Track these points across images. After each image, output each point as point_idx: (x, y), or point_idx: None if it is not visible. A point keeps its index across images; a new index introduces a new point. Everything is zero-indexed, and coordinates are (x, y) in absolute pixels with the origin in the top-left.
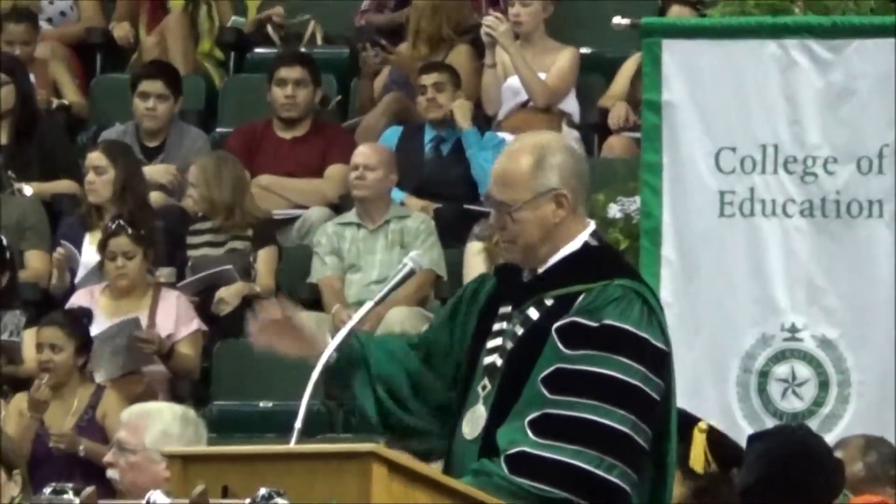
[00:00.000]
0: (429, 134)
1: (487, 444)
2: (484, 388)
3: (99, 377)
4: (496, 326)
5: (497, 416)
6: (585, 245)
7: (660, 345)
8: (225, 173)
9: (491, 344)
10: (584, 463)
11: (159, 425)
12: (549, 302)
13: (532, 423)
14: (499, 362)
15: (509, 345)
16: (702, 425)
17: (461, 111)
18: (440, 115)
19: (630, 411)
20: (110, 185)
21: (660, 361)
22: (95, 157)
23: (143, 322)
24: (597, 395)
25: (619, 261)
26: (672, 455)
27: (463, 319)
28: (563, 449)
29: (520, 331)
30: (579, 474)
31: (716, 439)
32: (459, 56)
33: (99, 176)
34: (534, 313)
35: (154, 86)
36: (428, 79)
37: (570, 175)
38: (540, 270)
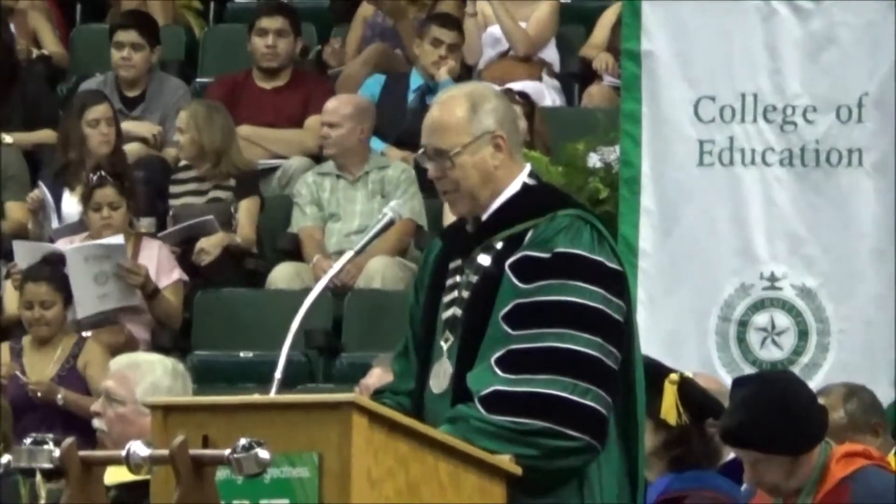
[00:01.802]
0: (415, 83)
1: (458, 395)
2: (447, 340)
3: (81, 311)
4: (449, 281)
5: (464, 366)
6: (524, 186)
7: (615, 266)
8: (216, 120)
9: (447, 298)
10: (557, 390)
11: (150, 378)
12: (498, 245)
13: (499, 361)
14: (458, 313)
15: (465, 294)
16: (673, 377)
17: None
18: (446, 74)
19: (595, 334)
20: (114, 138)
21: (617, 282)
22: (103, 110)
23: None
24: (559, 322)
25: (560, 195)
26: (640, 377)
27: (420, 293)
28: (534, 380)
29: (474, 278)
30: (555, 402)
31: (688, 391)
32: (445, 4)
33: (109, 127)
34: (485, 259)
35: (128, 35)
36: (447, 36)
37: (505, 118)
38: (483, 217)
